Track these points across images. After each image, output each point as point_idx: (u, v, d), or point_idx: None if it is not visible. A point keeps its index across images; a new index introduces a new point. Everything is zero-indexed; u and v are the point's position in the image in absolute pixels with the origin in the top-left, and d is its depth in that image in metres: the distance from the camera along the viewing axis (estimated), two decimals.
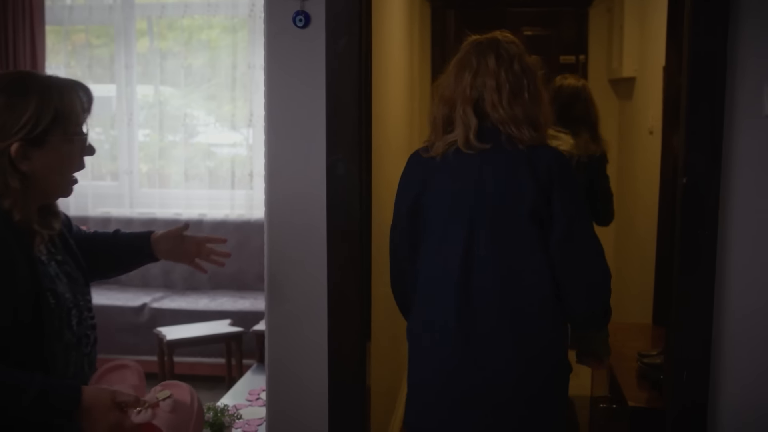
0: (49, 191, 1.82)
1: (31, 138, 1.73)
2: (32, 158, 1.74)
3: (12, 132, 1.71)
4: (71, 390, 1.68)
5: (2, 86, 1.75)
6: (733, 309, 2.45)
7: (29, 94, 1.74)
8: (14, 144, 1.71)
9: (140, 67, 6.05)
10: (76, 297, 1.88)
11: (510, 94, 2.22)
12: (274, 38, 2.52)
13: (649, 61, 4.49)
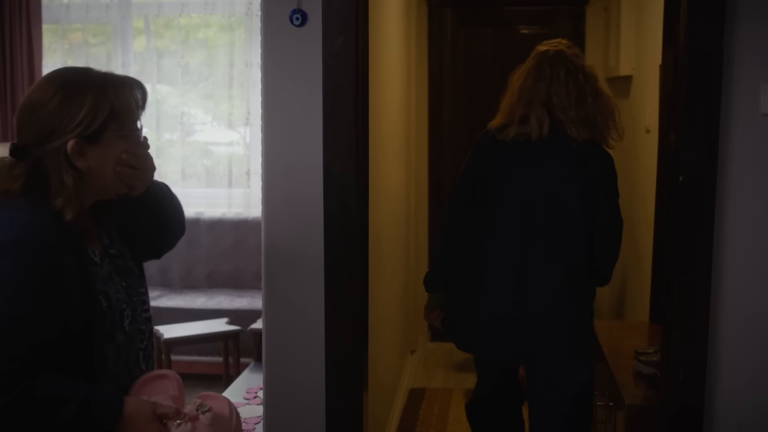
0: (103, 188, 1.81)
1: (87, 135, 1.72)
2: (87, 155, 1.73)
3: (68, 129, 1.71)
4: (113, 401, 1.70)
5: (59, 83, 1.75)
6: (730, 308, 2.45)
7: (86, 91, 1.73)
8: (70, 141, 1.71)
9: (137, 66, 6.04)
10: (129, 294, 1.86)
11: (576, 101, 2.84)
12: (271, 37, 2.52)
13: (645, 59, 4.49)
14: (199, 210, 5.86)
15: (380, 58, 3.68)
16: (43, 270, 1.65)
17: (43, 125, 1.71)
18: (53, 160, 1.71)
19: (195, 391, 4.96)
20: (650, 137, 4.24)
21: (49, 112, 1.71)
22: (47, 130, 1.71)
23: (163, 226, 2.02)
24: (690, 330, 2.46)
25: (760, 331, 2.46)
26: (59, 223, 1.70)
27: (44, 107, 1.72)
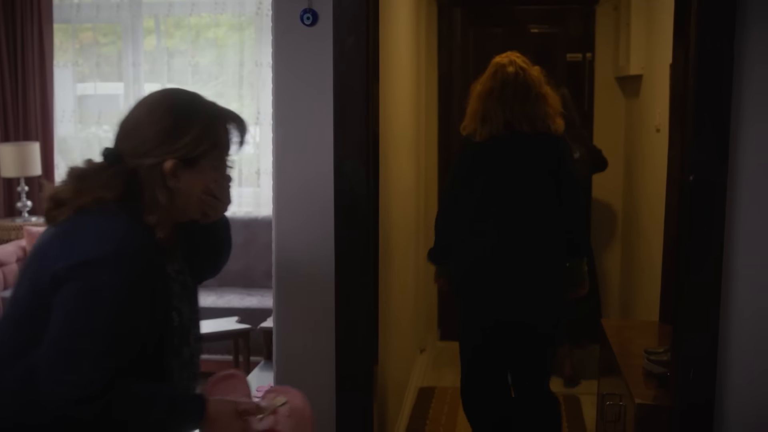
0: (185, 210, 1.84)
1: (186, 158, 1.77)
2: (180, 177, 1.77)
3: (171, 150, 1.75)
4: (197, 402, 1.75)
5: (168, 107, 1.80)
6: (740, 307, 2.45)
7: (194, 119, 1.79)
8: (169, 161, 1.75)
9: (147, 65, 6.07)
10: (193, 311, 1.91)
11: (521, 101, 3.46)
12: (282, 36, 2.53)
13: (656, 58, 4.48)
14: None
15: (390, 58, 3.69)
16: (137, 284, 1.67)
17: (144, 141, 1.75)
18: (149, 175, 1.75)
19: None
20: (660, 136, 4.23)
21: (154, 132, 1.76)
22: (147, 147, 1.75)
23: (216, 252, 2.07)
24: (700, 329, 2.46)
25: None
26: (151, 238, 1.74)
27: (149, 126, 1.76)
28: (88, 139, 6.23)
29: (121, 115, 1.84)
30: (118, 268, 1.65)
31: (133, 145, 1.76)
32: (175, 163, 1.75)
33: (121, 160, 1.76)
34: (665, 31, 3.97)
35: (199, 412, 1.73)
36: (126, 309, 1.65)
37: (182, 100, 1.85)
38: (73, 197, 1.75)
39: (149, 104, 1.81)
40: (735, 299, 2.45)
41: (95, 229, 1.70)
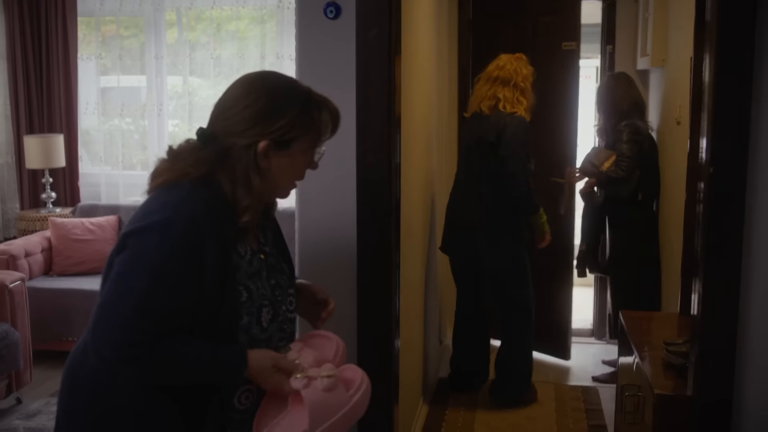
0: (271, 191, 1.91)
1: (279, 140, 1.82)
2: (271, 158, 1.83)
3: (265, 131, 1.80)
4: (238, 354, 1.81)
5: (266, 90, 1.85)
6: (760, 299, 2.46)
7: (290, 103, 1.84)
8: (263, 142, 1.80)
9: (169, 58, 6.12)
10: (274, 293, 1.94)
11: (491, 86, 4.39)
12: (305, 29, 2.57)
13: (676, 50, 4.48)
14: None
15: (412, 50, 3.71)
16: (182, 251, 1.73)
17: (239, 122, 1.81)
18: (243, 154, 1.80)
19: None
20: (681, 129, 4.23)
21: (250, 113, 1.81)
22: (243, 127, 1.80)
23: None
24: (719, 321, 2.47)
25: None
26: (210, 211, 1.78)
27: (246, 107, 1.81)
28: (111, 131, 6.30)
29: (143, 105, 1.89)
30: (165, 234, 1.72)
31: (228, 125, 1.81)
32: (268, 144, 1.80)
33: (214, 140, 1.81)
34: (686, 23, 3.97)
35: (241, 362, 1.80)
36: (167, 274, 1.71)
37: (279, 83, 1.89)
38: (165, 173, 1.82)
39: (246, 85, 1.86)
40: (754, 291, 2.46)
41: (158, 200, 1.78)
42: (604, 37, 5.84)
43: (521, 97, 4.34)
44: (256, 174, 1.81)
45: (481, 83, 4.44)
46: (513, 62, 4.39)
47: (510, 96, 4.32)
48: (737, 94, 2.39)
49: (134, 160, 6.38)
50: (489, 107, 4.35)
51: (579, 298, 6.36)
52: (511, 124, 4.26)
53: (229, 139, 1.80)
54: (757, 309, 2.46)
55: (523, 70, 4.36)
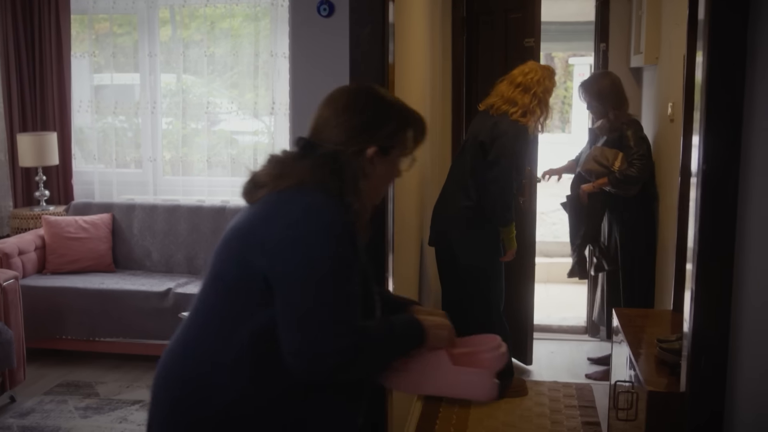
0: (371, 197, 1.99)
1: (384, 147, 1.94)
2: (376, 164, 1.94)
3: (373, 138, 1.93)
4: (415, 322, 1.97)
5: (370, 97, 1.99)
6: (752, 295, 2.47)
7: (393, 111, 1.98)
8: (371, 148, 1.92)
9: (163, 56, 6.11)
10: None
11: (507, 90, 4.41)
12: (299, 27, 2.57)
13: (670, 48, 4.49)
14: (225, 198, 5.93)
15: (406, 47, 3.71)
16: (347, 246, 1.82)
17: (348, 129, 1.92)
18: (353, 161, 1.91)
19: None
20: (674, 126, 4.24)
21: (357, 121, 1.93)
22: (350, 135, 1.92)
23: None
24: (711, 318, 2.48)
25: None
26: (348, 214, 1.88)
27: (354, 116, 1.94)
28: (104, 129, 6.29)
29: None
30: (331, 233, 1.80)
31: (336, 133, 1.92)
32: (376, 151, 1.91)
33: (316, 149, 1.90)
34: (679, 21, 3.98)
35: (420, 329, 1.96)
36: (344, 270, 1.79)
37: (381, 94, 2.03)
38: (273, 180, 1.89)
39: (351, 95, 1.99)
40: (747, 288, 2.47)
41: (294, 204, 1.83)
42: (597, 34, 5.84)
43: (537, 107, 4.35)
44: (364, 179, 1.91)
45: (504, 84, 4.45)
46: (539, 71, 4.41)
47: (527, 104, 4.33)
48: (730, 93, 2.40)
49: (128, 158, 6.37)
50: (498, 109, 4.38)
51: (572, 296, 6.38)
52: (509, 132, 4.30)
53: (338, 146, 1.90)
54: (750, 307, 2.47)
55: (547, 81, 4.38)
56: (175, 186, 6.12)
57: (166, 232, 5.79)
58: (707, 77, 2.43)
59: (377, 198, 2.03)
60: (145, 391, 4.82)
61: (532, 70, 4.39)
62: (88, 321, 5.25)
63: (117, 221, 5.87)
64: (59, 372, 5.13)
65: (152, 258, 5.81)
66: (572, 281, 5.56)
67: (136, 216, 5.85)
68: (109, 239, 5.81)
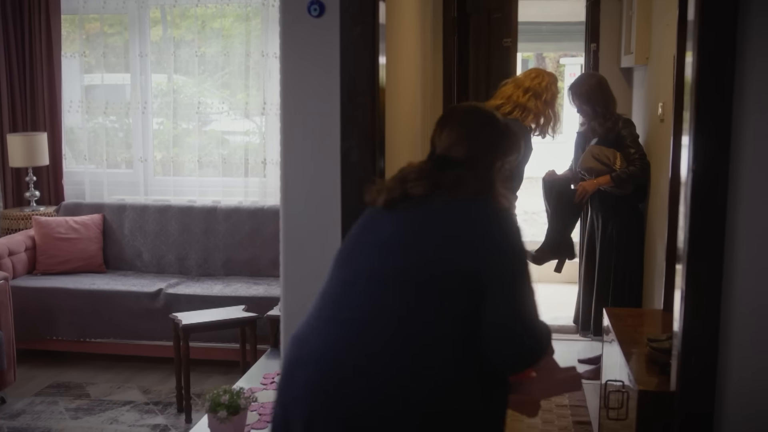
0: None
1: (507, 161, 2.23)
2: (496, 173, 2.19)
3: (506, 154, 2.21)
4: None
5: (499, 117, 2.28)
6: (741, 294, 2.48)
7: (511, 131, 2.28)
8: (498, 161, 2.18)
9: (154, 56, 6.10)
10: None
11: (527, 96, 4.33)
12: (290, 27, 2.56)
13: (660, 48, 4.50)
14: (216, 198, 5.92)
15: (398, 47, 3.71)
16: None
17: (497, 144, 2.20)
18: (493, 172, 2.15)
19: (212, 378, 5.02)
20: (664, 126, 4.25)
21: (502, 137, 2.22)
22: (501, 149, 2.19)
23: None
24: (701, 317, 2.49)
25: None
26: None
27: (498, 132, 2.22)
28: (95, 129, 6.27)
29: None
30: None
31: (484, 146, 2.17)
32: (500, 164, 2.19)
33: (454, 165, 2.13)
34: (670, 22, 3.99)
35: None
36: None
37: (499, 117, 2.30)
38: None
39: (485, 113, 2.26)
40: (736, 286, 2.48)
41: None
42: (588, 35, 5.86)
43: (549, 113, 4.34)
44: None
45: (510, 87, 4.39)
46: (546, 77, 4.41)
47: (540, 109, 4.30)
48: (719, 93, 2.40)
49: (119, 159, 6.35)
50: (507, 113, 4.26)
51: (564, 296, 6.39)
52: (520, 136, 4.27)
53: (492, 160, 2.17)
54: (739, 306, 2.48)
55: (553, 87, 4.38)
56: (166, 186, 6.11)
57: (156, 232, 5.78)
58: (697, 77, 2.43)
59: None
60: (136, 391, 4.81)
61: (538, 75, 4.38)
62: (78, 322, 5.24)
63: (108, 222, 5.85)
64: (50, 373, 5.11)
65: (143, 258, 5.79)
66: (564, 281, 5.57)
67: (127, 216, 5.84)
68: (100, 240, 5.79)
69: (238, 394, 3.15)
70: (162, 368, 5.10)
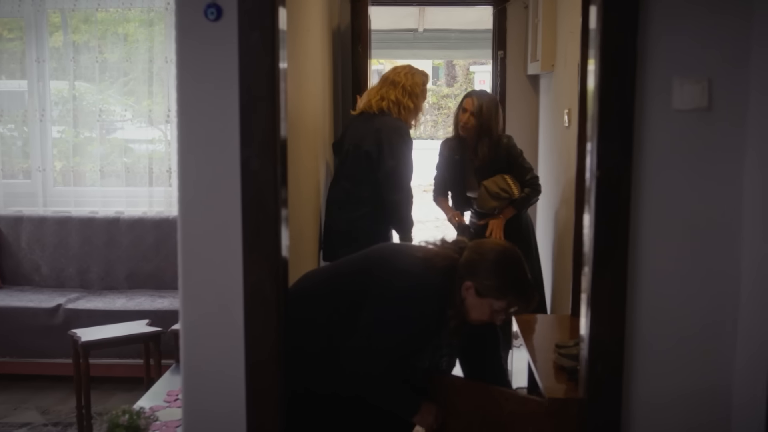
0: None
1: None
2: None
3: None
4: (413, 405, 2.81)
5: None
6: (647, 299, 2.50)
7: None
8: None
9: (54, 62, 5.87)
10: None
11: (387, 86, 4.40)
12: (185, 31, 2.46)
13: (565, 56, 4.55)
14: (119, 209, 5.72)
15: (300, 54, 3.64)
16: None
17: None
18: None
19: (116, 396, 4.84)
20: (570, 132, 4.30)
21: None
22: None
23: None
24: (607, 322, 2.49)
25: (677, 322, 2.51)
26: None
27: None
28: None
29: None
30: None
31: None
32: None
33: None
34: (574, 29, 4.03)
35: (412, 410, 2.78)
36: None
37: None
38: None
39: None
40: (641, 292, 2.49)
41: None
42: (495, 42, 5.90)
43: (409, 101, 4.32)
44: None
45: (375, 85, 4.48)
46: (406, 67, 4.44)
47: (399, 98, 4.31)
48: (621, 99, 2.42)
49: (15, 168, 6.07)
50: (372, 107, 4.33)
51: None
52: (395, 128, 4.26)
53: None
54: (645, 311, 2.50)
55: (416, 77, 4.38)
56: (67, 197, 5.87)
57: (56, 245, 5.56)
58: (599, 84, 2.44)
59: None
60: (34, 412, 4.61)
61: (400, 67, 4.45)
62: None
63: (3, 234, 5.60)
64: None
65: (41, 272, 5.56)
66: None
67: (24, 228, 5.60)
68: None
69: (138, 414, 3.03)
70: (62, 387, 4.89)
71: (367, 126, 4.28)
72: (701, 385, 2.53)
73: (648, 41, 2.42)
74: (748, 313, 2.46)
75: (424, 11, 8.99)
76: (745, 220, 2.45)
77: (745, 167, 2.44)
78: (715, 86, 2.43)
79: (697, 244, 2.49)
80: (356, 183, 4.31)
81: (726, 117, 2.44)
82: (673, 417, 2.54)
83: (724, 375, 2.52)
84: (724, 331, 2.51)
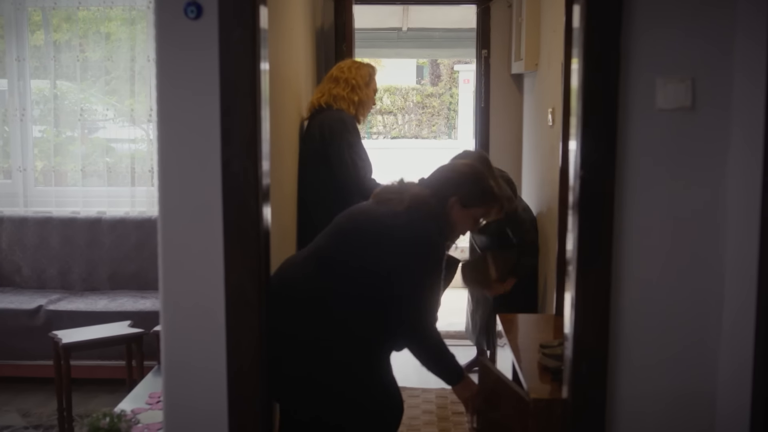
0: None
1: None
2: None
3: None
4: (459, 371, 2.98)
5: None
6: (631, 299, 2.49)
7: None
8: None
9: (35, 61, 5.81)
10: None
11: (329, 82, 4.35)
12: (165, 30, 2.43)
13: (549, 55, 4.54)
14: (101, 209, 5.68)
15: (283, 52, 3.62)
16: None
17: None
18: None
19: (98, 398, 4.80)
20: (554, 132, 4.29)
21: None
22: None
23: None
24: (591, 322, 2.49)
25: (659, 323, 2.51)
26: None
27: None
28: None
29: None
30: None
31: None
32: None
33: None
34: (558, 28, 4.03)
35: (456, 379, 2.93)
36: None
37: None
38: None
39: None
40: (625, 292, 2.49)
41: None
42: (479, 41, 5.89)
43: (353, 94, 4.28)
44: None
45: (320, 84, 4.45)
46: (348, 62, 4.45)
47: (340, 92, 4.25)
48: (605, 98, 2.42)
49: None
50: (323, 101, 4.26)
51: (459, 301, 6.40)
52: (336, 119, 4.18)
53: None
54: (629, 311, 2.50)
55: (362, 70, 4.36)
56: (48, 197, 5.82)
57: (37, 245, 5.51)
58: (583, 83, 2.44)
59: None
60: (15, 415, 4.56)
61: (343, 63, 4.48)
62: None
63: None
64: None
65: (22, 273, 5.51)
66: (458, 287, 5.54)
67: (4, 229, 5.55)
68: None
69: (119, 417, 3.00)
70: (43, 389, 4.85)
71: (312, 123, 4.25)
72: (686, 384, 2.53)
73: (631, 40, 2.42)
74: (732, 311, 2.46)
75: (408, 10, 8.98)
76: (729, 218, 2.45)
77: (729, 166, 2.44)
78: (698, 85, 2.43)
79: (681, 243, 2.48)
80: (317, 178, 4.20)
81: (710, 116, 2.44)
82: (657, 416, 2.54)
83: (709, 371, 2.52)
84: (708, 330, 2.50)
